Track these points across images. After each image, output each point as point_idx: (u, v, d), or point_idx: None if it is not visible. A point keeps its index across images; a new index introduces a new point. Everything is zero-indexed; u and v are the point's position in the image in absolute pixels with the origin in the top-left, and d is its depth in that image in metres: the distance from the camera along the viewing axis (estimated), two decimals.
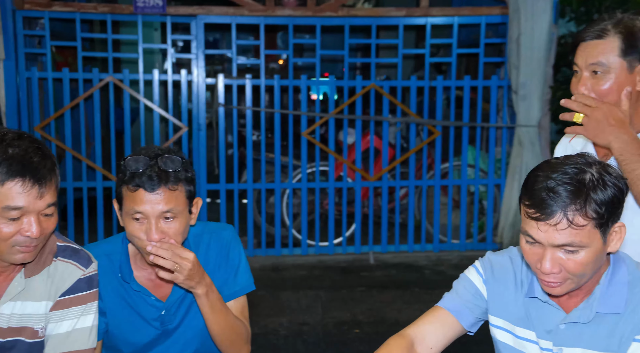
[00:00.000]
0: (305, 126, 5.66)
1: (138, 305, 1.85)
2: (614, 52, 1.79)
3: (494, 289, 1.61)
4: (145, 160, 1.70)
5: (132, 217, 1.72)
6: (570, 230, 1.32)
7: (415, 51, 6.43)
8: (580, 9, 6.07)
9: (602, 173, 1.35)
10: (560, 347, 1.48)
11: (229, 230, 1.94)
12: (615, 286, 1.42)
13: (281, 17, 5.70)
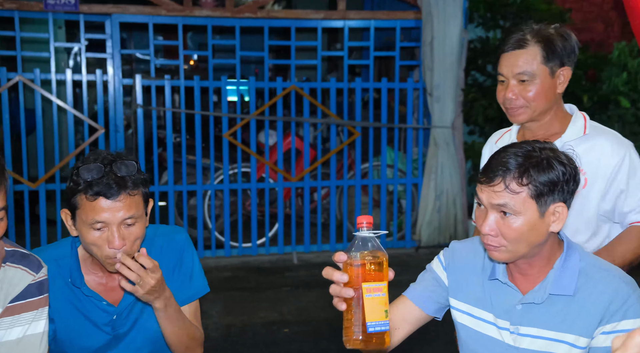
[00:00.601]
0: (226, 127, 5.63)
1: (88, 310, 1.80)
2: (536, 60, 1.96)
3: (454, 274, 1.71)
4: (99, 167, 1.64)
5: (92, 227, 1.66)
6: (505, 193, 1.47)
7: (334, 53, 6.48)
8: (486, 15, 6.37)
9: (551, 156, 1.48)
10: (517, 326, 1.58)
11: (181, 233, 1.91)
12: (567, 271, 1.53)
13: (199, 18, 5.65)
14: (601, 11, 7.50)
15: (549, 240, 1.54)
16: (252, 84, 5.67)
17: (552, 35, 1.99)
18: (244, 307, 4.47)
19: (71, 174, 1.69)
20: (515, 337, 1.59)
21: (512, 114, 2.06)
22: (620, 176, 2.04)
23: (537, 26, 2.01)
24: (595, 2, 7.50)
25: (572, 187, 1.50)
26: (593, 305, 1.50)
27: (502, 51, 2.01)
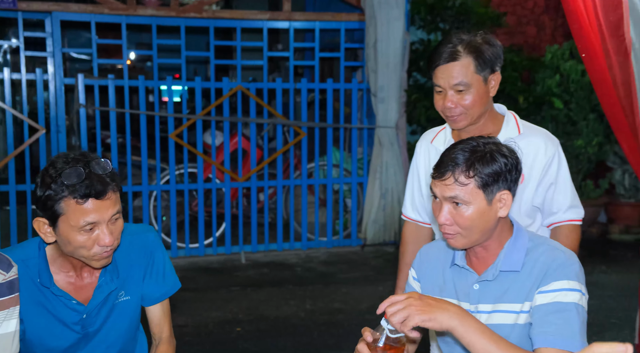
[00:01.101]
0: (172, 127, 5.59)
1: (58, 309, 1.79)
2: (470, 70, 2.08)
3: (424, 277, 1.86)
4: (79, 170, 1.63)
5: (82, 229, 1.65)
6: (455, 185, 1.62)
7: (279, 53, 6.52)
8: (427, 18, 6.54)
9: (494, 150, 1.64)
10: (476, 304, 1.73)
11: (151, 232, 1.92)
12: (516, 250, 1.70)
13: (143, 17, 5.59)
14: (533, 15, 7.80)
15: (498, 224, 1.69)
16: (199, 84, 5.65)
17: (481, 44, 2.11)
18: (195, 308, 4.47)
19: (44, 184, 1.64)
20: (475, 316, 1.69)
21: (453, 121, 2.17)
22: (551, 171, 2.20)
23: (466, 37, 2.12)
24: (528, 7, 7.80)
25: (514, 176, 1.66)
26: (534, 273, 1.66)
27: (437, 64, 2.11)
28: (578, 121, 6.49)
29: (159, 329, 1.94)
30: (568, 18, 2.78)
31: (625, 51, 2.85)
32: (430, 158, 2.29)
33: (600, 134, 6.49)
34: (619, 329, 3.90)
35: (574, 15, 2.75)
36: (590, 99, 6.40)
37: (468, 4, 6.48)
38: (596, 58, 2.80)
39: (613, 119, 2.90)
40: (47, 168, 1.66)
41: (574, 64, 6.42)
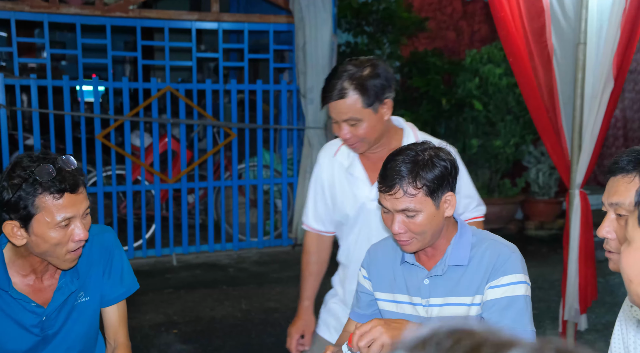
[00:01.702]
0: (99, 128, 5.48)
1: (16, 312, 1.76)
2: (358, 105, 2.11)
3: (374, 275, 1.92)
4: (50, 167, 1.61)
5: (58, 225, 1.63)
6: (405, 198, 1.68)
7: (209, 54, 6.50)
8: (353, 21, 6.70)
9: (433, 156, 1.70)
10: (427, 299, 1.81)
11: (110, 232, 1.92)
12: (461, 245, 1.79)
13: (67, 16, 5.45)
14: (452, 21, 8.09)
15: (445, 223, 1.78)
16: (126, 85, 5.56)
17: (367, 79, 2.12)
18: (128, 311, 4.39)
19: (12, 185, 1.61)
20: (427, 309, 1.81)
21: (352, 148, 2.21)
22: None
23: (353, 69, 2.12)
24: (447, 12, 8.08)
25: (454, 175, 1.74)
26: (482, 268, 1.76)
27: (328, 100, 2.14)
28: (496, 122, 6.80)
29: (114, 333, 1.93)
30: (496, 24, 2.96)
31: (548, 56, 3.05)
32: (334, 172, 2.31)
33: (517, 134, 6.83)
34: (540, 319, 4.15)
35: (502, 22, 2.93)
36: (507, 101, 6.72)
37: (392, 9, 6.67)
38: (522, 62, 2.98)
39: (538, 120, 3.10)
40: (12, 169, 1.63)
41: (492, 68, 6.73)
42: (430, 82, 6.62)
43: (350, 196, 2.27)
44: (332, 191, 2.31)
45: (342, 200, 2.29)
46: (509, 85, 6.62)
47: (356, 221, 2.28)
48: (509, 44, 2.94)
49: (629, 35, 2.85)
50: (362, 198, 2.24)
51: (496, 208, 6.85)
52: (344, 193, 2.28)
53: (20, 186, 1.61)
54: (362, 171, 2.25)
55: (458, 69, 6.94)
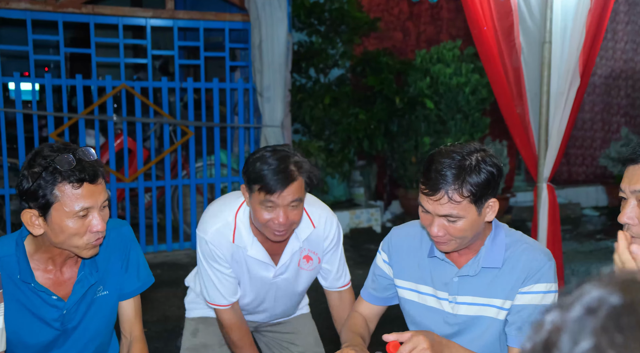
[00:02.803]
0: (52, 127, 5.34)
1: (37, 306, 1.74)
2: (301, 191, 2.10)
3: (396, 260, 1.94)
4: (70, 156, 1.61)
5: (76, 215, 1.63)
6: (449, 204, 1.65)
7: (165, 52, 6.41)
8: (306, 20, 6.75)
9: (480, 161, 1.66)
10: (455, 295, 1.83)
11: (127, 226, 1.92)
12: (496, 247, 1.79)
13: (17, 11, 5.29)
14: (399, 21, 8.25)
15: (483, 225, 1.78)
16: (80, 82, 5.44)
17: (311, 171, 2.18)
18: None
19: (33, 174, 1.61)
20: (453, 306, 1.83)
21: (276, 235, 2.17)
22: (329, 252, 2.37)
23: (298, 159, 2.12)
24: (394, 13, 8.24)
25: (499, 180, 1.70)
26: (516, 272, 1.77)
27: (275, 190, 2.05)
28: (447, 120, 6.99)
29: (130, 326, 1.93)
30: (469, 23, 3.07)
31: (516, 54, 3.18)
32: (234, 257, 2.25)
33: (467, 133, 7.03)
34: None
35: (474, 21, 3.04)
36: (457, 100, 6.92)
37: (344, 9, 6.76)
38: (493, 60, 3.10)
39: (507, 116, 3.23)
40: (32, 158, 1.63)
41: (442, 67, 6.91)
42: (383, 81, 6.75)
43: (251, 279, 2.29)
44: (234, 270, 2.28)
45: (242, 281, 2.30)
46: (459, 84, 6.82)
47: (256, 295, 2.35)
48: (481, 42, 3.06)
49: (595, 33, 3.01)
50: (267, 278, 2.28)
51: None
52: (242, 277, 2.29)
53: (40, 175, 1.60)
54: (265, 255, 2.24)
55: (409, 69, 7.09)
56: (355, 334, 1.92)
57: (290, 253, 2.26)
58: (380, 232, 7.08)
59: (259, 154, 2.06)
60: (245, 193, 2.13)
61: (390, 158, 7.63)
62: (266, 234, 2.13)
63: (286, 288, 2.36)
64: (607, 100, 9.05)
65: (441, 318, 1.87)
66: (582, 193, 8.44)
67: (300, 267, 2.31)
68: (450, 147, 1.71)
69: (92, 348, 1.86)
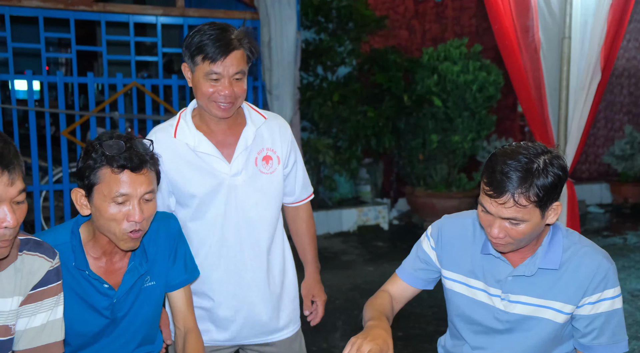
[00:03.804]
0: (64, 124, 5.35)
1: (89, 294, 1.76)
2: (243, 63, 2.03)
3: (444, 249, 1.92)
4: (121, 143, 1.65)
5: (114, 200, 1.65)
6: (515, 208, 1.61)
7: (174, 49, 6.43)
8: (314, 19, 6.78)
9: (547, 163, 1.61)
10: (508, 293, 1.81)
11: (175, 219, 1.94)
12: (553, 248, 1.77)
13: (29, 9, 5.30)
14: (405, 19, 8.28)
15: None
16: (91, 80, 5.45)
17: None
18: None
19: (86, 153, 1.67)
20: (506, 303, 1.82)
21: (223, 110, 2.06)
22: (292, 154, 2.25)
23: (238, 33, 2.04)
24: (399, 12, 8.27)
25: (564, 182, 1.65)
26: (579, 277, 1.73)
27: (217, 57, 1.98)
28: (454, 118, 7.01)
29: (183, 317, 1.95)
30: (490, 19, 3.09)
31: (535, 49, 3.21)
32: (176, 154, 2.10)
33: (473, 130, 7.06)
34: None
35: (496, 17, 3.07)
36: (465, 98, 6.95)
37: (352, 6, 6.78)
38: (514, 55, 3.13)
39: (527, 111, 3.25)
40: (92, 141, 1.69)
41: (450, 65, 6.94)
42: (392, 79, 6.77)
43: (202, 175, 2.09)
44: (176, 178, 2.10)
45: (187, 182, 2.09)
46: (466, 82, 6.84)
47: (212, 201, 2.10)
48: (502, 38, 3.09)
49: (616, 28, 3.04)
50: (220, 175, 2.09)
51: (455, 202, 7.08)
52: (189, 174, 2.09)
53: (90, 156, 1.65)
54: (212, 148, 2.10)
55: (416, 66, 7.12)
56: (381, 313, 1.87)
57: (245, 144, 2.11)
58: (388, 229, 7.11)
59: (197, 29, 2.02)
60: (187, 72, 2.06)
61: (397, 156, 7.66)
62: (211, 109, 2.05)
63: (246, 203, 2.12)
64: (611, 98, 9.10)
65: (491, 314, 1.86)
66: (586, 190, 8.48)
67: (259, 169, 2.14)
68: (514, 147, 1.66)
69: (139, 338, 1.88)
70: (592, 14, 3.08)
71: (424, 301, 4.69)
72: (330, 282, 5.22)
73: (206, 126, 2.12)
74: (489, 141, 7.72)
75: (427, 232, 1.99)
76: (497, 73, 6.97)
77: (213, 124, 2.12)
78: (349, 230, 6.99)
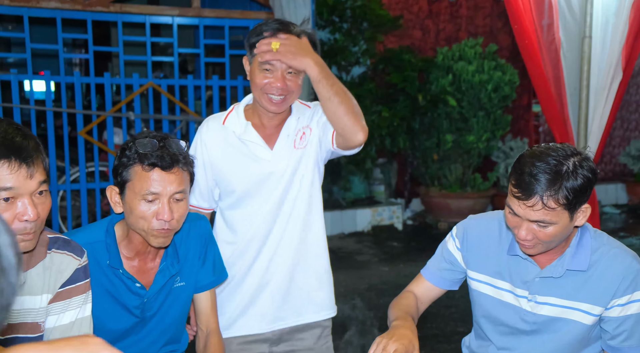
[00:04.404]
0: (81, 124, 5.38)
1: (120, 293, 1.78)
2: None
3: (470, 250, 1.91)
4: (154, 142, 1.67)
5: (144, 198, 1.67)
6: (543, 211, 1.60)
7: (190, 50, 6.45)
8: (329, 18, 6.78)
9: (577, 165, 1.59)
10: (535, 295, 1.80)
11: (205, 220, 1.95)
12: (582, 249, 1.75)
13: (47, 10, 5.34)
14: (418, 19, 8.27)
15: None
16: (108, 80, 5.48)
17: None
18: None
19: (122, 151, 1.70)
20: (533, 305, 1.81)
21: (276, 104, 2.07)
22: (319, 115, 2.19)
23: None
24: (413, 11, 8.26)
25: (594, 185, 1.63)
26: (608, 279, 1.71)
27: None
28: (469, 118, 7.00)
29: (207, 319, 1.96)
30: (510, 18, 3.08)
31: (556, 49, 3.19)
32: (224, 142, 2.14)
33: (488, 130, 7.04)
34: None
35: (516, 16, 3.06)
36: (480, 97, 6.93)
37: (367, 6, 6.78)
38: (534, 55, 3.12)
39: (547, 111, 3.24)
40: (128, 140, 1.72)
41: (465, 64, 6.92)
42: (406, 79, 6.77)
43: (247, 164, 2.11)
44: (220, 165, 2.13)
45: (233, 171, 2.12)
46: (481, 82, 6.83)
47: (257, 191, 2.12)
48: (522, 37, 3.08)
49: (638, 27, 3.02)
50: (262, 162, 2.11)
51: (469, 202, 7.06)
52: (235, 163, 2.12)
53: (124, 153, 1.68)
54: (257, 136, 2.12)
55: (430, 66, 7.11)
56: (407, 314, 1.86)
57: (287, 132, 2.14)
58: (402, 229, 7.11)
59: (263, 22, 2.07)
60: (247, 64, 2.11)
61: (412, 156, 7.65)
62: (263, 102, 2.06)
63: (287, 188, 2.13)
64: (627, 98, 9.04)
65: (518, 316, 1.85)
66: (601, 190, 8.43)
67: (295, 148, 2.14)
68: (543, 149, 1.65)
69: (166, 338, 1.89)
70: (613, 13, 3.06)
71: (441, 301, 4.67)
72: (345, 282, 5.22)
73: (257, 119, 2.15)
74: (504, 141, 7.69)
75: (452, 232, 1.98)
76: (512, 73, 6.95)
77: (265, 119, 2.13)
78: (363, 230, 6.99)
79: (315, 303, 2.25)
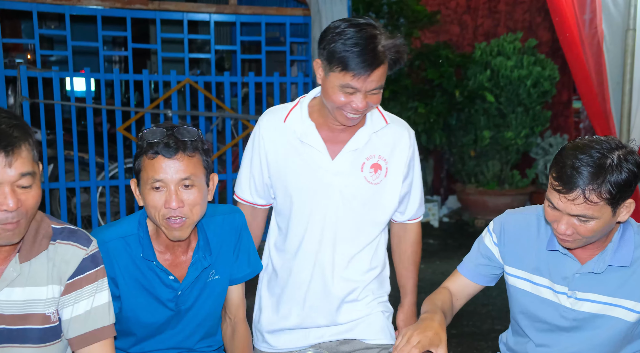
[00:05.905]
0: (120, 121, 5.47)
1: (154, 286, 1.79)
2: (385, 76, 1.85)
3: (508, 245, 1.87)
4: (161, 131, 1.68)
5: (152, 186, 1.68)
6: (585, 205, 1.55)
7: (227, 47, 6.50)
8: (366, 14, 6.75)
9: (622, 159, 1.54)
10: (575, 291, 1.76)
11: (239, 213, 1.94)
12: (624, 244, 1.69)
13: (88, 8, 5.43)
14: (456, 15, 8.17)
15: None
16: (146, 77, 5.55)
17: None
18: None
19: (138, 144, 1.72)
20: (573, 301, 1.77)
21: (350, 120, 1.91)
22: (412, 164, 2.07)
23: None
24: (451, 7, 8.16)
25: (638, 180, 1.58)
26: None
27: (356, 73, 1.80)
28: (507, 114, 6.90)
29: (236, 309, 1.96)
30: (551, 11, 3.03)
31: (598, 42, 3.13)
32: (282, 141, 2.00)
33: (527, 126, 6.93)
34: None
35: (556, 9, 3.00)
36: (518, 93, 6.82)
37: (403, 2, 6.74)
38: (575, 48, 3.05)
39: (588, 105, 3.17)
40: (140, 132, 1.73)
41: (503, 60, 6.82)
42: (443, 75, 6.70)
43: (302, 170, 1.97)
44: (275, 164, 2.00)
45: (289, 175, 1.98)
46: (520, 77, 6.72)
47: (310, 199, 1.97)
48: (563, 30, 3.02)
49: None
50: (319, 172, 1.95)
51: (507, 199, 6.96)
52: (289, 161, 1.98)
53: (137, 145, 1.70)
54: (318, 141, 1.95)
55: (468, 62, 7.03)
56: (437, 307, 1.81)
57: (355, 146, 1.94)
58: (438, 226, 7.05)
59: (338, 28, 1.78)
60: (319, 69, 1.87)
61: (448, 152, 7.58)
62: (337, 117, 1.89)
63: (339, 207, 1.95)
64: None
65: (557, 312, 1.81)
66: None
67: (364, 176, 1.96)
68: (586, 141, 1.60)
69: (203, 331, 1.90)
70: None
71: (477, 299, 4.62)
72: None
73: (322, 118, 1.97)
74: (543, 137, 7.56)
75: (489, 227, 1.94)
76: (552, 68, 6.82)
77: (330, 119, 1.95)
78: None
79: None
